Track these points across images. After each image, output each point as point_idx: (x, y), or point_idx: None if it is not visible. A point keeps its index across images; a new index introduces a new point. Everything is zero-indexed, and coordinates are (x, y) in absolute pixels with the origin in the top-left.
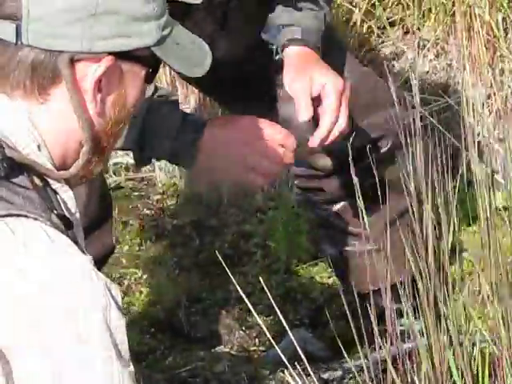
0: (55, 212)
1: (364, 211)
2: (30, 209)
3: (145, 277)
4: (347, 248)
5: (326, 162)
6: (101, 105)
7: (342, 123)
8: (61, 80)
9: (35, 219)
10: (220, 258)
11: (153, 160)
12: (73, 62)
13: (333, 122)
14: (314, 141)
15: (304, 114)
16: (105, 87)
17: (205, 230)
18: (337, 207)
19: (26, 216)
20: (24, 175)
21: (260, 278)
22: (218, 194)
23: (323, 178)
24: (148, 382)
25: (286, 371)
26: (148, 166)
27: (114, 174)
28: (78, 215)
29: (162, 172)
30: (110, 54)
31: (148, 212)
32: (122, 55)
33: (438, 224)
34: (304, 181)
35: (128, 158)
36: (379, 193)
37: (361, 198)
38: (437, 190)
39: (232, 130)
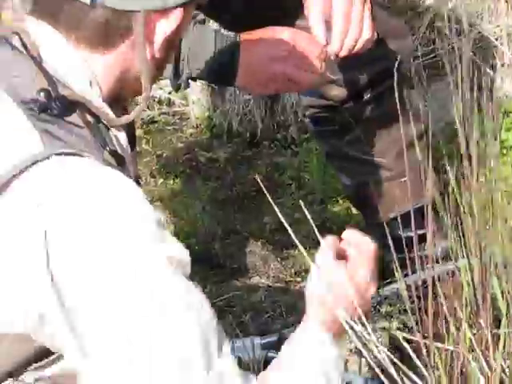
0: (107, 149)
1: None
2: (83, 147)
3: (180, 209)
4: (363, 177)
5: (338, 91)
6: (163, 52)
7: (367, 31)
8: (130, 36)
9: (88, 158)
10: (261, 185)
11: (190, 83)
12: (145, 19)
13: (357, 32)
14: (334, 45)
15: (317, 27)
16: (170, 36)
17: (239, 163)
18: (349, 137)
19: (79, 155)
20: (77, 113)
21: (301, 203)
22: (251, 127)
23: (335, 108)
24: None
25: None
26: (182, 100)
27: (148, 108)
28: (129, 150)
29: (195, 105)
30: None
31: (182, 145)
32: (187, 3)
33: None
34: (316, 111)
35: (161, 92)
36: (392, 121)
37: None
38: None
39: (269, 44)
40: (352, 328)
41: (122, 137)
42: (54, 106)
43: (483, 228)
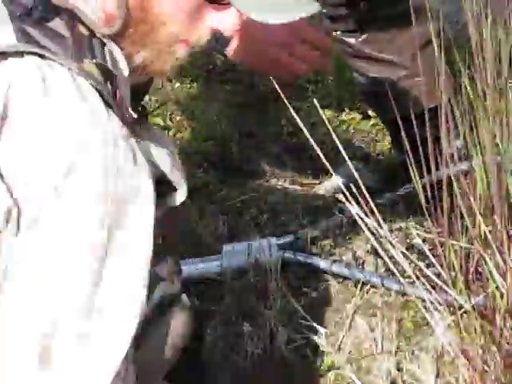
0: (94, 61)
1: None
2: (60, 54)
3: (197, 113)
4: (378, 75)
5: None
6: None
7: None
8: None
9: (61, 65)
10: (278, 88)
11: None
12: None
13: None
14: None
15: None
16: None
17: None
18: (365, 35)
19: (51, 59)
20: (62, 20)
21: (316, 105)
22: None
23: (352, 5)
24: (202, 213)
25: (341, 196)
26: None
27: None
28: (126, 73)
29: None
30: None
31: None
32: None
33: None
34: (332, 9)
35: None
36: (407, 20)
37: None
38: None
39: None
40: (368, 228)
41: (119, 55)
42: (36, 10)
43: (497, 126)
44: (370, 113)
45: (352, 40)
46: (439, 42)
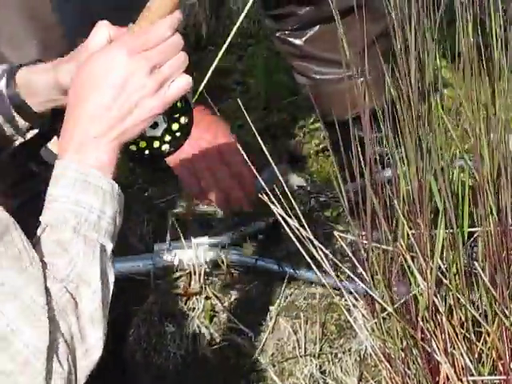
0: None
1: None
2: None
3: None
4: (321, 76)
5: None
6: None
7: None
8: None
9: None
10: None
11: None
12: None
13: None
14: None
15: None
16: None
17: None
18: (310, 33)
19: None
20: None
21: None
22: (197, 31)
23: (295, 3)
24: (128, 213)
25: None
26: None
27: None
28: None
29: None
30: None
31: None
32: None
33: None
34: (275, 8)
35: None
36: (355, 17)
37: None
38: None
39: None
40: (290, 228)
41: None
42: None
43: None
44: (298, 114)
45: (296, 40)
46: (387, 41)
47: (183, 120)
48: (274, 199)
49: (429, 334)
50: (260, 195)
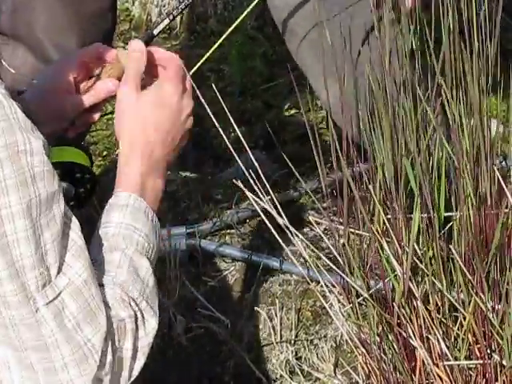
0: None
1: None
2: None
3: None
4: None
5: None
6: None
7: None
8: None
9: None
10: None
11: None
12: None
13: None
14: None
15: None
16: None
17: None
18: None
19: None
20: None
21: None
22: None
23: None
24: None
25: (240, 184)
26: None
27: None
28: None
29: None
30: None
31: None
32: None
33: None
34: None
35: None
36: None
37: None
38: None
39: None
40: (265, 213)
41: None
42: None
43: (397, 121)
44: (273, 102)
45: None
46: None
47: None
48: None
49: (404, 320)
50: (236, 182)
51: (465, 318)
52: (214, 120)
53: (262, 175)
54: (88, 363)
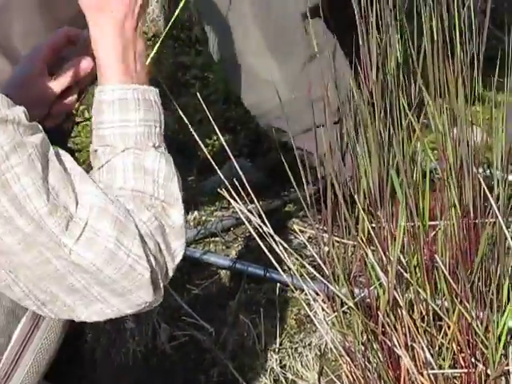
0: None
1: None
2: None
3: None
4: None
5: None
6: None
7: None
8: None
9: None
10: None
11: None
12: None
13: None
14: None
15: None
16: None
17: None
18: None
19: None
20: None
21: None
22: (155, 26)
23: None
24: None
25: (224, 192)
26: None
27: None
28: None
29: None
30: None
31: None
32: None
33: None
34: None
35: None
36: None
37: None
38: None
39: None
40: (249, 221)
41: None
42: None
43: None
44: None
45: None
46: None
47: None
48: (234, 194)
49: (389, 328)
50: (220, 190)
51: (449, 327)
52: (193, 132)
53: (246, 183)
54: (137, 272)
